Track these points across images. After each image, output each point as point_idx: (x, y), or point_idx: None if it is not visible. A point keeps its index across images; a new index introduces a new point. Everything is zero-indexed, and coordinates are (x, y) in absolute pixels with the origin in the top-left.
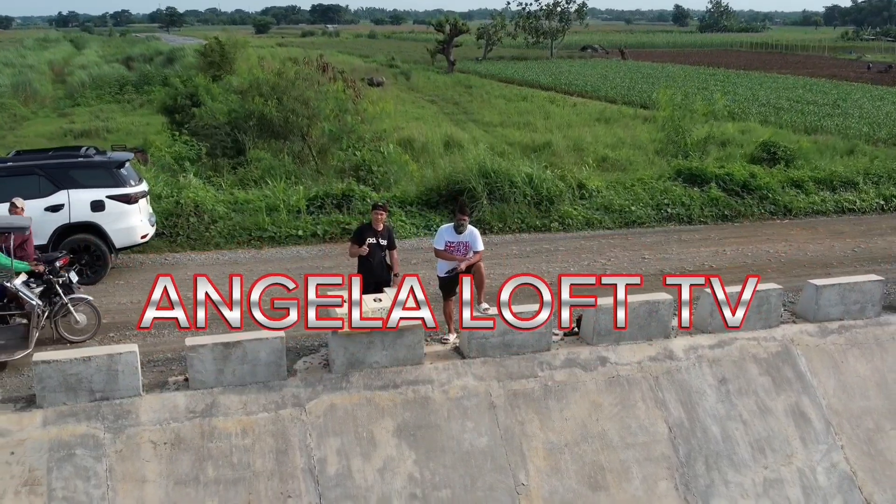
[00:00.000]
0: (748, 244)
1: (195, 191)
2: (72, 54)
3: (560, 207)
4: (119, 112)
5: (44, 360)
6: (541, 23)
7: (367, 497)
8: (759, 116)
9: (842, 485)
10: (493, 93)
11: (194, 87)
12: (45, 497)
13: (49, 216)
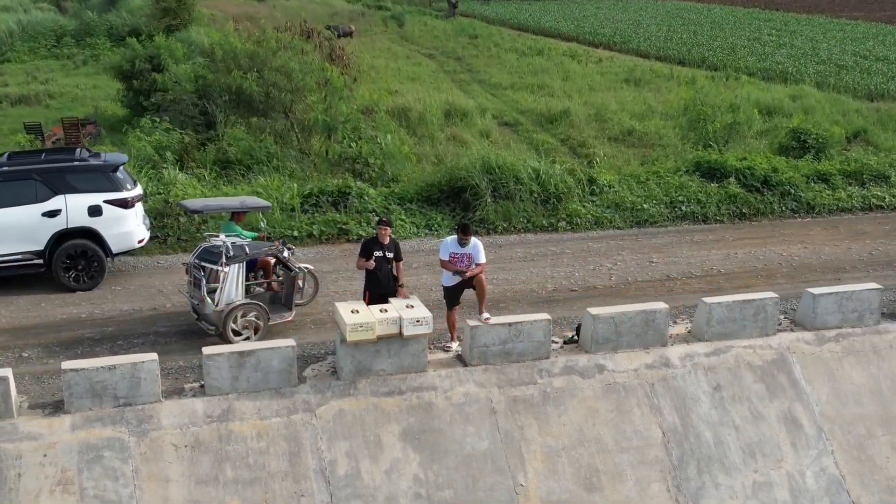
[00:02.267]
0: (762, 246)
1: (183, 188)
2: None
3: (568, 205)
4: (59, 71)
5: (72, 368)
6: None
7: (375, 496)
8: (816, 76)
9: (830, 488)
10: (502, 45)
11: (156, 48)
12: (78, 495)
13: (46, 221)
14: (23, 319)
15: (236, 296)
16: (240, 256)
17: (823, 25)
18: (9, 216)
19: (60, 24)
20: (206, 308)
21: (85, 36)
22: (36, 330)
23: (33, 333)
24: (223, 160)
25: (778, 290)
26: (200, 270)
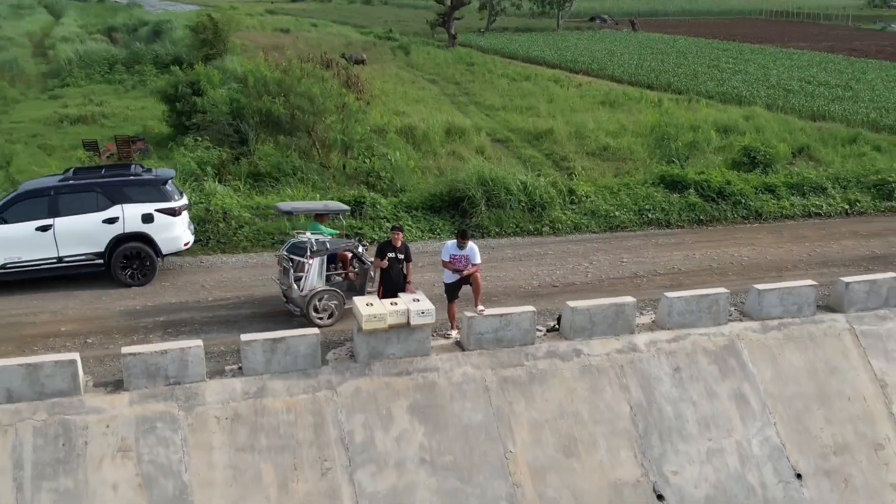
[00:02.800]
0: (717, 248)
1: (222, 197)
2: (49, 24)
3: (551, 213)
4: (112, 94)
5: (130, 352)
6: None
7: (387, 461)
8: (766, 99)
9: (772, 454)
10: (495, 71)
11: (196, 75)
12: (135, 460)
13: (106, 227)
14: (87, 311)
15: (318, 283)
16: (321, 251)
17: (774, 54)
18: (75, 223)
19: (112, 53)
20: (293, 293)
21: (134, 64)
22: (98, 320)
23: (96, 323)
24: (255, 173)
25: (729, 286)
26: (289, 262)
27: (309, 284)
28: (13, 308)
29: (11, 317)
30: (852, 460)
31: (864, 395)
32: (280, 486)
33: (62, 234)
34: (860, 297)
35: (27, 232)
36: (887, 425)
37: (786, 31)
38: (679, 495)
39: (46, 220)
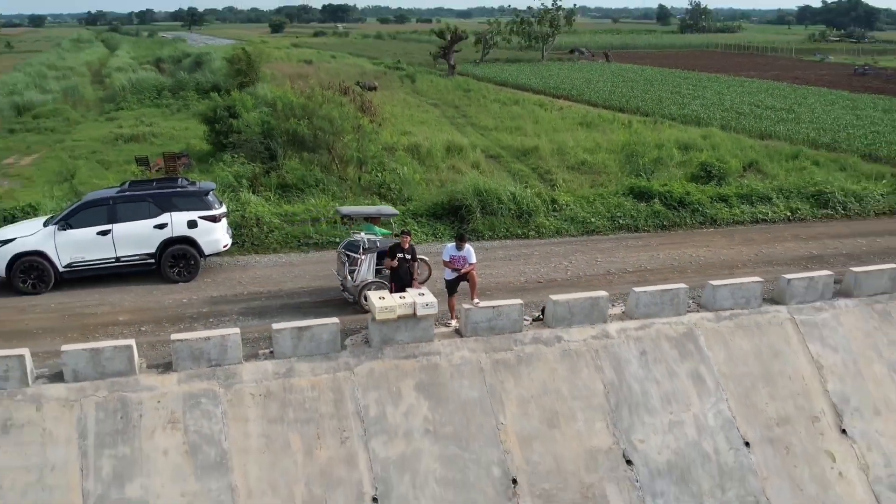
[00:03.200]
0: (678, 249)
1: (255, 206)
2: (106, 56)
3: (536, 219)
4: (159, 116)
5: (178, 338)
6: (533, 28)
7: (397, 431)
8: (721, 121)
9: (724, 425)
10: (488, 97)
11: (232, 100)
12: (183, 431)
13: (157, 231)
14: (140, 303)
15: (368, 276)
16: (372, 248)
17: (727, 82)
18: (130, 228)
19: (160, 81)
20: (348, 283)
21: (178, 90)
22: (150, 311)
23: (148, 313)
24: (283, 184)
25: (688, 282)
26: (346, 257)
27: (361, 276)
28: (77, 301)
29: (76, 308)
30: (793, 430)
31: (802, 374)
32: (306, 453)
33: (119, 237)
34: (800, 291)
35: (90, 236)
36: (822, 400)
37: (738, 63)
38: (645, 460)
39: (106, 225)
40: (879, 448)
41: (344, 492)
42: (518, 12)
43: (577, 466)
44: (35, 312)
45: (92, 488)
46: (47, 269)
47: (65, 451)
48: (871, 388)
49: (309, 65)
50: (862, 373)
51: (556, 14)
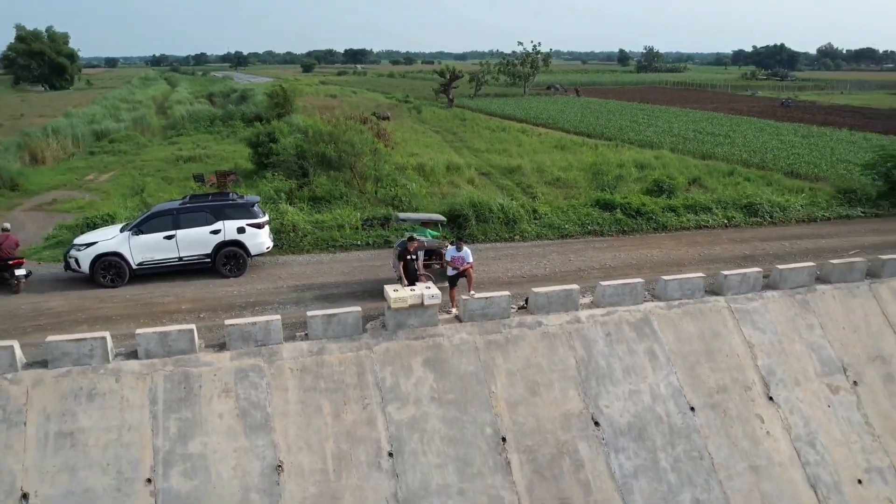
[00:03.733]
0: (636, 250)
1: (292, 215)
2: (168, 91)
3: (521, 226)
4: (212, 141)
5: (231, 323)
6: (516, 68)
7: (408, 398)
8: (670, 144)
9: (674, 393)
10: (480, 125)
11: (272, 128)
12: (234, 398)
13: (212, 236)
14: (199, 294)
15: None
16: (421, 247)
17: (675, 113)
18: (193, 234)
19: (212, 112)
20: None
21: (227, 119)
22: (207, 301)
23: (206, 303)
24: (314, 197)
25: (644, 277)
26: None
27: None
28: (147, 292)
29: (147, 299)
30: (729, 397)
31: (737, 352)
32: (334, 416)
33: (182, 241)
34: (735, 284)
35: (158, 240)
36: (753, 373)
37: (683, 97)
38: (609, 422)
39: (171, 231)
40: (799, 412)
41: (365, 448)
42: (505, 56)
43: (554, 427)
44: (113, 302)
45: (161, 444)
46: (123, 267)
47: (139, 415)
48: (793, 363)
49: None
50: (785, 350)
51: (536, 57)
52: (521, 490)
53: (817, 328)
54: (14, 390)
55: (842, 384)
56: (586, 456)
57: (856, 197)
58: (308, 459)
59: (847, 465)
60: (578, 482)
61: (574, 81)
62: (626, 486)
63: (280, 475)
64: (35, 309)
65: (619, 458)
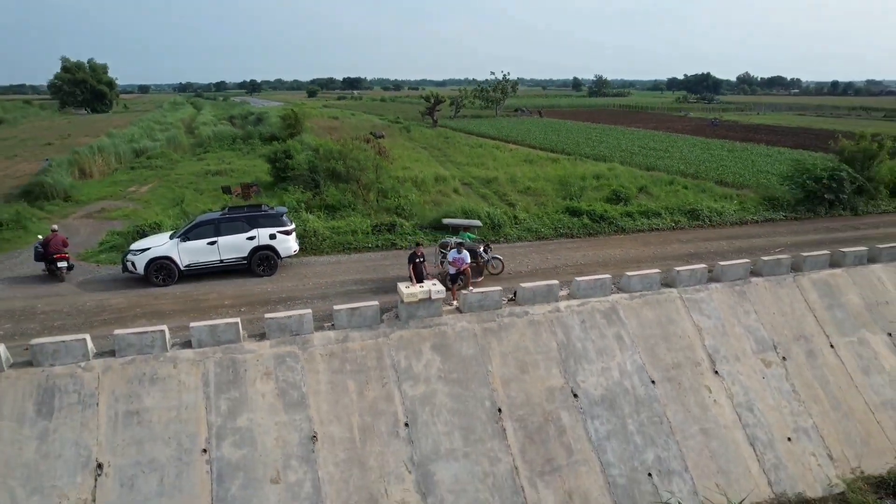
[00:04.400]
0: (602, 250)
1: (312, 222)
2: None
3: (504, 230)
4: (234, 157)
5: (270, 317)
6: (489, 94)
7: (419, 377)
8: (620, 158)
9: (637, 370)
10: (461, 142)
11: (287, 147)
12: (274, 380)
13: (249, 242)
14: (238, 292)
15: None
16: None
17: (623, 131)
18: (231, 239)
19: (234, 132)
20: (441, 269)
21: (247, 138)
22: (246, 297)
23: (245, 299)
24: (327, 205)
25: (609, 273)
26: (441, 252)
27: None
28: (194, 291)
29: (194, 296)
30: (682, 372)
31: (688, 334)
32: (359, 393)
33: (223, 246)
34: (685, 278)
35: (202, 245)
36: (701, 352)
37: (628, 117)
38: (586, 394)
39: (214, 237)
40: (739, 383)
41: (385, 420)
42: (479, 82)
43: (541, 399)
44: (166, 299)
45: (214, 420)
46: (173, 269)
47: (194, 396)
48: (734, 343)
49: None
50: (727, 332)
51: (506, 84)
52: (515, 452)
53: (752, 313)
54: (87, 376)
55: (773, 359)
56: (567, 423)
57: (778, 203)
58: (338, 430)
59: (779, 426)
60: (562, 445)
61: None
62: (600, 447)
63: (315, 444)
64: (99, 305)
65: (595, 423)
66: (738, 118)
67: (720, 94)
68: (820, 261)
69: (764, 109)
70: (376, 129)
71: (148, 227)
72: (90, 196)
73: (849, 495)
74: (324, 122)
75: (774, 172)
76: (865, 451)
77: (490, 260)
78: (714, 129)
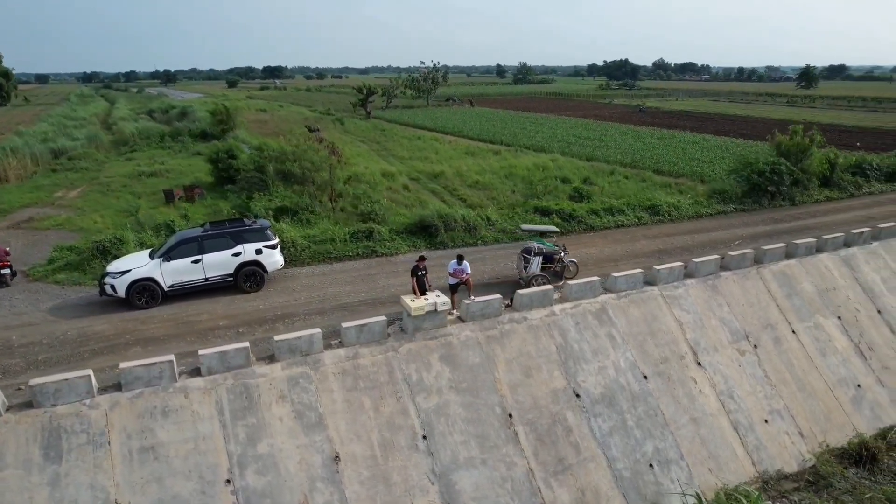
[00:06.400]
0: (577, 249)
1: (288, 231)
2: (107, 108)
3: (480, 232)
4: (166, 156)
5: (279, 338)
6: (421, 84)
7: (431, 389)
8: (559, 149)
9: (630, 366)
10: (398, 134)
11: (229, 146)
12: (290, 402)
13: (234, 258)
14: (230, 310)
15: (537, 270)
16: (540, 253)
17: (554, 120)
18: (216, 256)
19: (161, 129)
20: (523, 274)
21: (176, 135)
22: (240, 316)
23: (239, 318)
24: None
25: (589, 273)
26: (523, 257)
27: (532, 270)
28: (183, 312)
29: (184, 317)
30: (670, 366)
31: (671, 329)
32: (375, 410)
33: (208, 264)
34: (665, 276)
35: (186, 264)
36: (684, 345)
37: (556, 105)
38: (587, 393)
39: (198, 255)
40: (720, 372)
41: (403, 434)
42: (405, 71)
43: (546, 402)
44: (154, 323)
45: (233, 449)
46: (156, 290)
47: (210, 425)
48: (711, 335)
49: (265, 113)
50: (705, 325)
51: (436, 74)
52: (528, 455)
53: (725, 306)
54: (94, 414)
55: (746, 348)
56: (573, 422)
57: (728, 196)
58: (359, 448)
59: (756, 410)
60: (570, 444)
61: (465, 93)
62: (605, 443)
63: (338, 464)
64: (82, 334)
65: (598, 421)
66: (659, 104)
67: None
68: (777, 253)
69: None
70: (309, 123)
71: (108, 243)
72: (12, 203)
73: (819, 468)
74: (252, 115)
75: (704, 160)
76: (829, 427)
77: (568, 264)
78: (641, 116)
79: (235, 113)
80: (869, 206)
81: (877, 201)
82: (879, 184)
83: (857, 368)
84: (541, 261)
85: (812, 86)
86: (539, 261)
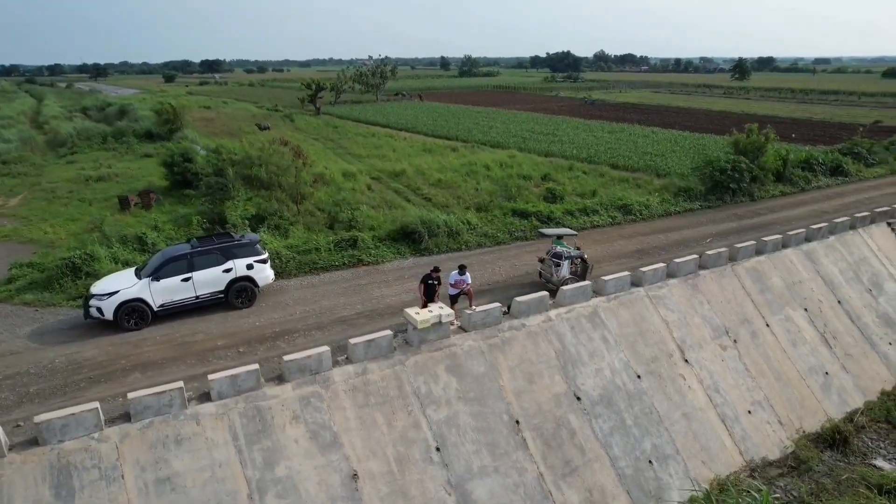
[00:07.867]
0: None
1: (271, 242)
2: (34, 105)
3: (463, 237)
4: (112, 159)
5: (289, 359)
6: (368, 79)
7: (440, 400)
8: (515, 145)
9: (624, 367)
10: (351, 131)
11: (184, 148)
12: (303, 423)
13: (225, 274)
14: (225, 329)
15: (566, 273)
16: (569, 256)
17: (504, 114)
18: (206, 273)
19: (103, 129)
20: (554, 277)
21: (120, 136)
22: (237, 335)
23: (237, 337)
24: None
25: None
26: (553, 261)
27: (562, 273)
28: (177, 332)
29: (179, 338)
30: (660, 364)
31: (659, 329)
32: (388, 425)
33: (198, 281)
34: (650, 277)
35: (176, 283)
36: (672, 344)
37: (503, 98)
38: (587, 396)
39: (188, 273)
40: (705, 368)
41: (417, 447)
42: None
43: (550, 406)
44: (148, 346)
45: (251, 474)
46: (146, 311)
47: (225, 451)
48: (695, 332)
49: (209, 110)
50: (689, 323)
51: (385, 68)
52: (538, 460)
53: (706, 304)
54: (104, 448)
55: (727, 343)
56: (576, 425)
57: (693, 193)
58: (376, 465)
59: (740, 402)
60: (575, 446)
61: (411, 87)
62: (607, 443)
63: (357, 482)
64: (72, 361)
65: (599, 422)
66: (605, 97)
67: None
68: (748, 250)
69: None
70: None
71: (79, 260)
72: None
73: (799, 453)
74: (196, 112)
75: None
76: (804, 413)
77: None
78: (590, 110)
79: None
80: (819, 200)
81: (826, 195)
82: (826, 178)
83: (824, 357)
84: (569, 264)
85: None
86: (568, 264)
